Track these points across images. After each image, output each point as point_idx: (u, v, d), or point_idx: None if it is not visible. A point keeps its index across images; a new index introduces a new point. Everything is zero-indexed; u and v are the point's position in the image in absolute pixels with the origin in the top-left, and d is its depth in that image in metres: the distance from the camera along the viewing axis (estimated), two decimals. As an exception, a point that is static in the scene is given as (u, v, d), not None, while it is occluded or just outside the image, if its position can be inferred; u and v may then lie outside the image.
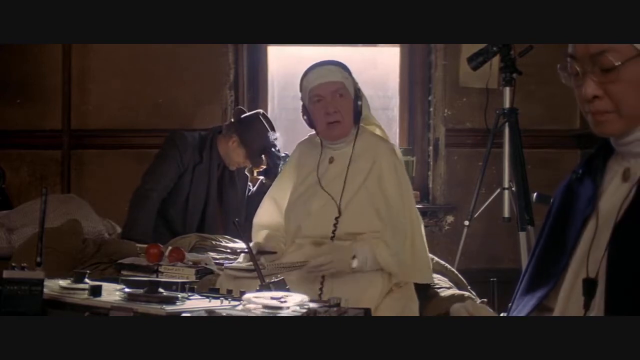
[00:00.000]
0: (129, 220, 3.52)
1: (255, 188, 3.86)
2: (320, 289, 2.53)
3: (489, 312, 1.40)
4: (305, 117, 2.77)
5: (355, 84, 2.74)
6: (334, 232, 2.65)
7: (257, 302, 1.67)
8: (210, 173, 3.68)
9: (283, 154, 3.72)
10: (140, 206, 3.52)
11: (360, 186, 2.66)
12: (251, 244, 2.60)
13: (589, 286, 1.31)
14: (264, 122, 3.66)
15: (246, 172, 3.90)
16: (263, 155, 3.65)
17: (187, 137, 3.64)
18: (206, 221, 3.69)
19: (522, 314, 1.41)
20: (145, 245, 2.95)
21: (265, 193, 3.01)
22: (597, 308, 1.29)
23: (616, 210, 1.31)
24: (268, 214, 2.90)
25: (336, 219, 2.64)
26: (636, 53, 1.29)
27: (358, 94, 2.71)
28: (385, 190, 2.65)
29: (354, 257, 2.54)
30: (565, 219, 1.42)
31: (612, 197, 1.35)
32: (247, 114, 3.72)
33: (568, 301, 1.35)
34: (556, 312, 1.37)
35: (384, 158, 2.69)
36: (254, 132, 3.64)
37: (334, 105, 2.67)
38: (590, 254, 1.32)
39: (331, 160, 2.76)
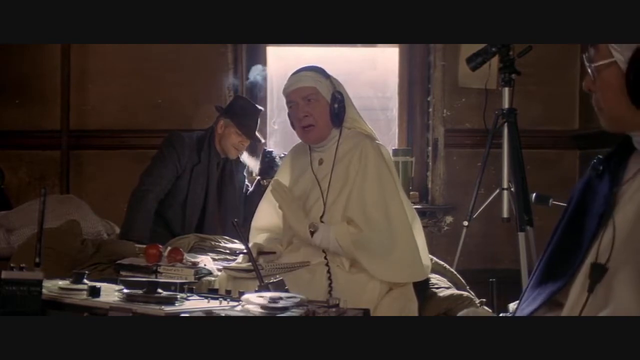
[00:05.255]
0: (126, 222, 3.52)
1: (252, 188, 3.87)
2: (330, 286, 2.54)
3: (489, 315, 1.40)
4: (290, 124, 2.85)
5: (334, 87, 2.75)
6: None
7: (256, 302, 1.67)
8: (209, 173, 3.68)
9: (283, 154, 3.73)
10: (137, 207, 3.52)
11: (343, 186, 2.69)
12: (250, 245, 2.61)
13: (597, 271, 1.31)
14: (245, 98, 3.81)
15: (245, 173, 3.92)
16: (258, 134, 3.69)
17: (185, 138, 3.65)
18: (205, 221, 3.70)
19: (532, 307, 1.42)
20: (144, 246, 2.95)
21: (262, 193, 3.03)
22: (603, 295, 1.29)
23: (636, 210, 1.32)
24: (266, 217, 2.92)
25: (321, 219, 2.67)
26: (610, 58, 1.31)
27: (336, 97, 2.72)
28: (365, 190, 2.66)
29: (312, 232, 2.61)
30: (582, 215, 1.42)
31: (634, 196, 1.35)
32: None
33: (581, 295, 1.35)
34: (567, 307, 1.37)
35: (369, 156, 2.70)
36: (238, 106, 3.73)
37: (304, 110, 2.73)
38: (612, 249, 1.32)
39: (320, 162, 2.80)
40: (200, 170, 3.66)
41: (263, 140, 3.94)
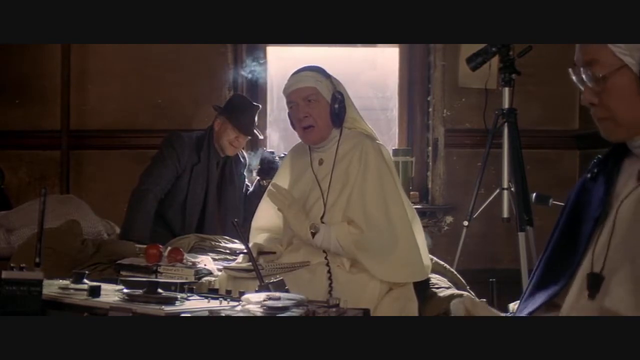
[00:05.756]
0: (126, 222, 3.52)
1: (253, 188, 3.87)
2: (330, 286, 2.54)
3: (486, 309, 1.40)
4: (291, 124, 2.84)
5: (334, 87, 2.75)
6: None
7: (256, 302, 1.67)
8: (209, 172, 3.69)
9: (282, 154, 3.74)
10: (137, 207, 3.52)
11: (344, 187, 2.68)
12: (250, 245, 2.61)
13: (594, 280, 1.31)
14: (241, 95, 3.86)
15: (245, 172, 3.92)
16: (254, 130, 3.70)
17: (184, 138, 3.66)
18: (205, 221, 3.70)
19: (532, 308, 1.42)
20: (144, 246, 2.95)
21: (262, 193, 3.03)
22: (601, 297, 1.30)
23: (631, 212, 1.32)
24: (266, 217, 2.91)
25: (322, 220, 2.67)
26: (620, 64, 1.30)
27: (336, 97, 2.72)
28: (365, 185, 2.66)
29: (313, 233, 2.60)
30: (578, 218, 1.43)
31: (629, 199, 1.35)
32: None
33: (578, 298, 1.36)
34: (564, 310, 1.38)
35: (369, 155, 2.70)
36: (233, 103, 3.76)
37: (305, 110, 2.72)
38: (608, 252, 1.33)
39: (321, 162, 2.79)
40: (200, 170, 3.66)
41: (262, 137, 3.95)
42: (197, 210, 3.68)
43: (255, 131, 3.72)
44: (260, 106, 3.83)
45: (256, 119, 3.73)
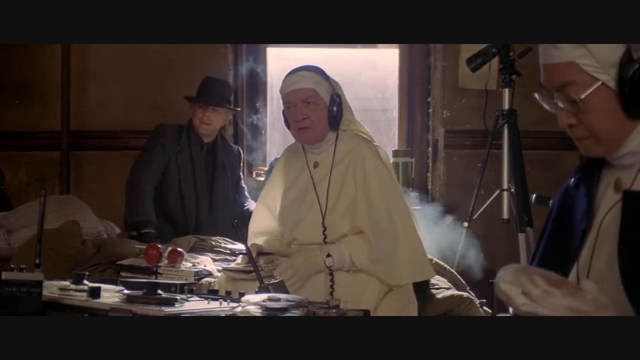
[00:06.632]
0: (128, 207, 3.52)
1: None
2: (332, 287, 2.53)
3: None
4: (284, 122, 2.82)
5: (332, 89, 2.73)
6: (325, 235, 2.65)
7: (256, 303, 1.67)
8: (193, 159, 3.71)
9: (276, 157, 3.75)
10: (135, 191, 3.53)
11: (343, 190, 2.67)
12: (249, 245, 2.60)
13: None
14: (206, 76, 3.85)
15: (241, 173, 3.92)
16: (221, 102, 3.71)
17: (165, 127, 3.75)
18: (199, 210, 3.69)
19: None
20: (145, 246, 2.95)
21: None
22: None
23: (613, 223, 1.32)
24: (263, 221, 2.89)
25: (323, 224, 2.65)
26: (596, 83, 1.30)
27: (334, 100, 2.70)
28: (369, 192, 2.64)
29: (328, 255, 2.56)
30: (565, 229, 1.43)
31: (608, 209, 1.35)
32: None
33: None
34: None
35: (366, 159, 2.68)
36: (198, 86, 3.79)
37: (303, 112, 2.69)
38: (591, 264, 1.33)
39: (316, 165, 2.77)
40: (184, 158, 3.70)
41: (239, 109, 3.99)
42: (192, 197, 3.69)
43: (223, 103, 3.73)
44: (226, 80, 3.88)
45: (224, 93, 3.76)
